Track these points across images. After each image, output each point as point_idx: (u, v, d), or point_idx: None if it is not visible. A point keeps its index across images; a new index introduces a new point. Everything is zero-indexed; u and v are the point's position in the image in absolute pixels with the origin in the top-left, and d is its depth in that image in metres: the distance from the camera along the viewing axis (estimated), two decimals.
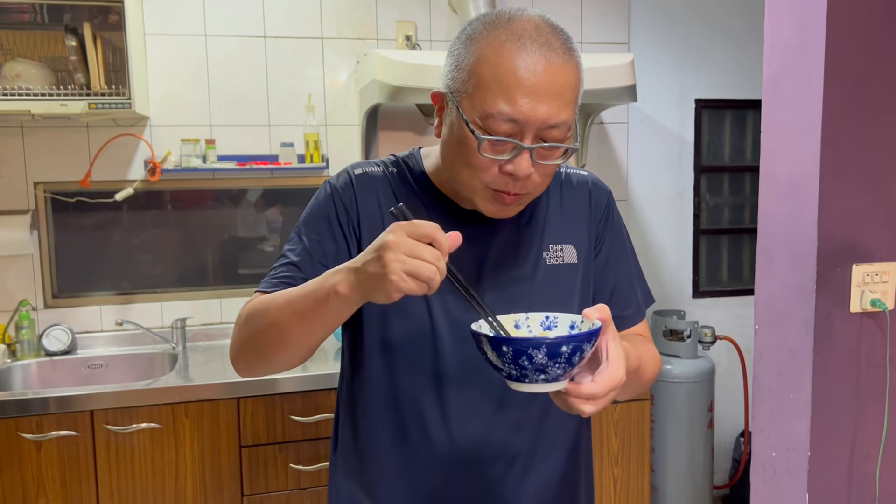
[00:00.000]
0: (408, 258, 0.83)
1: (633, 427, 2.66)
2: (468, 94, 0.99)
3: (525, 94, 0.96)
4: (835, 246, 1.52)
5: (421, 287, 0.84)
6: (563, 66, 0.99)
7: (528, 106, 0.96)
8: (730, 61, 3.27)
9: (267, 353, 1.03)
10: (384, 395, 1.13)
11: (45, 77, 2.44)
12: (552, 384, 0.85)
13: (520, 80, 0.96)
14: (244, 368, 1.10)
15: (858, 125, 1.51)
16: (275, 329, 1.00)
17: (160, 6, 2.68)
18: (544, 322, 0.94)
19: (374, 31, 2.88)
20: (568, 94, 1.00)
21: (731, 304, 3.41)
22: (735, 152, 3.39)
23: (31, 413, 2.14)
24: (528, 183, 1.01)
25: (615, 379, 0.86)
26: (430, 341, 1.10)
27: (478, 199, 1.04)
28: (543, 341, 0.81)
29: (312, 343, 1.01)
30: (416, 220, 0.86)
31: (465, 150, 1.01)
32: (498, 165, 1.00)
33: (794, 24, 1.55)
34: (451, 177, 1.08)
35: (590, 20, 3.09)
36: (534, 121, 0.96)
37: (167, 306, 2.79)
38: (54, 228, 2.67)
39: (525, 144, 0.97)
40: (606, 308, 0.87)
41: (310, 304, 0.94)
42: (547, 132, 0.98)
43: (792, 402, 1.58)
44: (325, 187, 1.15)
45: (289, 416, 2.29)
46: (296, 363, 1.06)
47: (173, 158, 2.70)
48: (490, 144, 0.98)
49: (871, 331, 1.55)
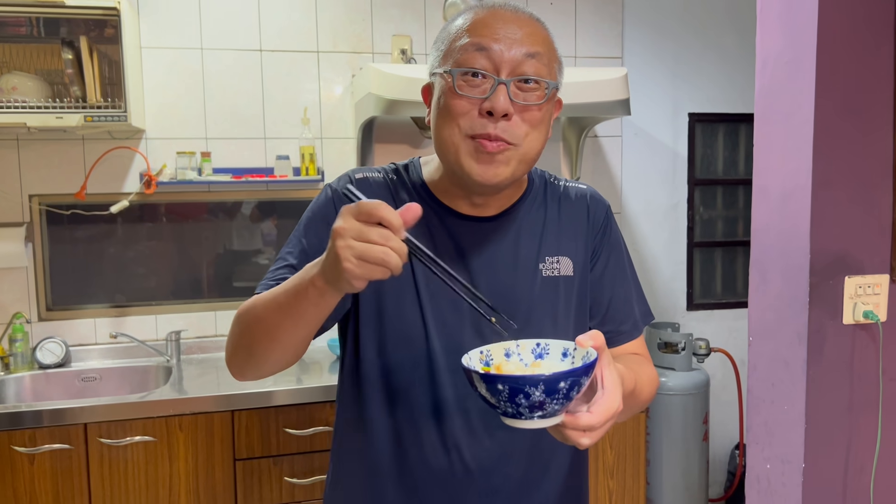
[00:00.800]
0: (356, 242, 0.81)
1: (628, 440, 2.66)
2: (444, 56, 1.05)
3: (495, 27, 1.01)
4: (827, 258, 1.53)
5: (377, 270, 0.81)
6: (528, 17, 1.06)
7: (497, 34, 1.01)
8: (722, 76, 3.30)
9: (256, 351, 1.02)
10: (379, 402, 1.13)
11: (41, 90, 2.44)
12: (549, 420, 0.81)
13: (487, 20, 1.02)
14: (237, 370, 1.09)
15: (849, 139, 1.53)
16: (262, 325, 0.99)
17: (157, 20, 2.70)
18: (535, 349, 0.90)
19: (369, 45, 2.90)
20: (539, 36, 1.04)
21: (726, 317, 3.42)
22: (728, 165, 3.41)
23: (23, 426, 2.13)
24: (510, 128, 1.01)
25: (612, 408, 0.83)
26: (426, 368, 1.09)
27: (463, 158, 1.02)
28: (540, 378, 0.77)
29: (298, 339, 1.00)
30: (361, 201, 0.83)
31: (445, 102, 1.03)
32: (477, 108, 1.01)
33: (786, 39, 1.57)
34: (439, 150, 1.07)
35: (583, 35, 3.12)
36: (506, 50, 1.00)
37: (162, 319, 2.78)
38: (49, 241, 2.66)
39: (499, 77, 1.00)
40: (600, 335, 0.84)
41: (292, 298, 0.93)
42: (522, 67, 1.01)
43: (786, 414, 1.58)
44: (326, 191, 1.15)
45: (283, 428, 2.29)
46: (285, 363, 1.05)
47: (169, 171, 2.70)
48: (465, 80, 1.01)
49: (864, 342, 1.56)
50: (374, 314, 1.11)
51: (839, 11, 1.49)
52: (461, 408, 1.10)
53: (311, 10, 2.83)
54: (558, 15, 3.08)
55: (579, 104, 2.53)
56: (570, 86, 2.63)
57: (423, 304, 1.10)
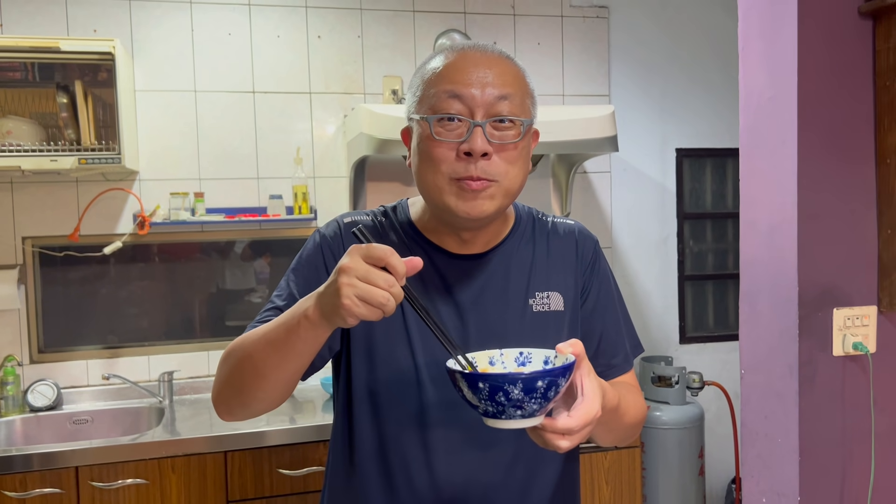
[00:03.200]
0: (360, 283, 0.84)
1: (623, 475, 2.64)
2: (419, 101, 1.07)
3: (466, 71, 1.04)
4: (815, 290, 1.55)
5: (374, 312, 0.84)
6: (502, 57, 1.08)
7: (469, 79, 1.03)
8: (708, 111, 3.36)
9: (244, 389, 1.02)
10: (370, 442, 1.13)
11: (35, 133, 2.46)
12: (528, 420, 0.85)
13: (458, 64, 1.05)
14: (225, 409, 1.09)
15: (833, 172, 1.56)
16: (250, 362, 1.00)
17: (151, 63, 2.74)
18: (518, 358, 0.95)
19: (361, 86, 2.94)
20: (510, 75, 1.06)
21: (718, 350, 3.43)
22: (716, 199, 3.45)
23: (13, 471, 2.10)
24: (490, 167, 1.03)
25: (590, 413, 0.86)
26: (414, 387, 1.10)
27: (447, 199, 1.05)
28: (519, 376, 0.81)
29: (286, 376, 1.00)
30: (372, 244, 0.87)
31: (424, 148, 1.05)
32: (455, 151, 1.03)
33: (767, 76, 1.61)
34: (423, 192, 1.09)
35: (571, 73, 3.18)
36: (479, 94, 1.02)
37: (154, 360, 2.77)
38: (42, 283, 2.66)
39: (474, 120, 1.02)
40: (579, 343, 0.88)
41: (282, 332, 0.94)
42: (495, 108, 1.03)
43: (780, 447, 1.59)
44: (315, 236, 1.17)
45: (276, 469, 2.27)
46: (271, 402, 1.05)
47: (162, 212, 2.72)
48: (441, 125, 1.03)
49: (854, 374, 1.57)
50: (365, 355, 1.12)
51: (818, 48, 1.54)
52: (452, 449, 1.10)
53: (304, 53, 2.88)
54: (546, 54, 3.14)
55: (568, 141, 2.57)
56: (559, 123, 2.68)
57: (413, 344, 1.11)
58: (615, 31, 3.23)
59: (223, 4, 2.80)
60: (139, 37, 2.72)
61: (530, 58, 3.11)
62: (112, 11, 2.69)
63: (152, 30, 2.73)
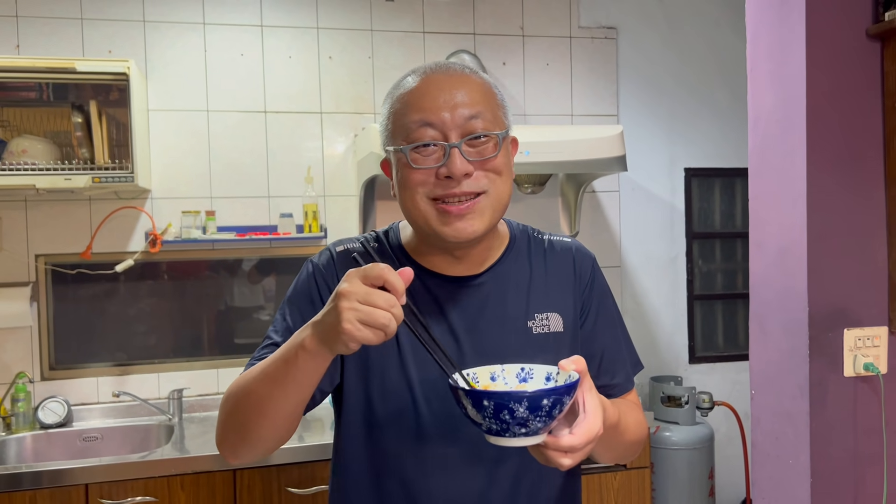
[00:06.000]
0: (361, 306, 0.83)
1: (633, 495, 2.62)
2: (392, 134, 1.06)
3: (433, 96, 1.03)
4: (825, 310, 1.54)
5: (377, 335, 0.84)
6: (465, 74, 1.07)
7: (437, 103, 1.02)
8: (716, 131, 3.37)
9: (247, 428, 1.01)
10: (367, 462, 1.12)
11: (49, 152, 2.49)
12: (532, 437, 0.84)
13: (424, 90, 1.04)
14: (230, 451, 1.07)
15: (843, 192, 1.56)
16: (251, 399, 0.99)
17: (164, 83, 2.77)
18: (520, 374, 0.94)
19: (371, 106, 2.97)
20: (477, 92, 1.05)
21: (728, 370, 3.41)
22: (725, 219, 3.45)
23: (23, 488, 2.11)
24: (473, 182, 1.03)
25: (592, 431, 0.86)
26: (409, 406, 1.09)
27: (433, 225, 1.04)
28: (524, 395, 0.81)
29: (288, 411, 0.99)
30: (368, 265, 0.86)
31: (403, 176, 1.05)
32: (434, 174, 1.03)
33: (776, 97, 1.62)
34: (409, 218, 1.09)
35: (579, 93, 3.20)
36: (449, 118, 1.01)
37: (164, 377, 2.78)
38: (53, 300, 2.68)
39: (449, 143, 1.02)
40: (582, 359, 0.88)
41: (281, 365, 0.94)
42: (468, 126, 1.02)
43: (791, 468, 1.58)
44: (308, 266, 1.16)
45: (285, 487, 2.27)
46: (275, 440, 1.04)
47: (174, 230, 2.74)
48: (418, 152, 1.03)
49: (866, 395, 1.57)
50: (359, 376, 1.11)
51: (826, 69, 1.55)
52: (450, 467, 1.09)
53: (315, 73, 2.91)
54: (555, 75, 3.16)
55: (577, 161, 2.58)
56: (568, 143, 2.70)
57: (405, 362, 1.10)
58: (623, 52, 3.25)
59: (236, 26, 2.84)
60: (153, 57, 2.76)
61: (539, 78, 3.13)
62: (127, 32, 2.73)
63: (166, 50, 2.77)
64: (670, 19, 3.30)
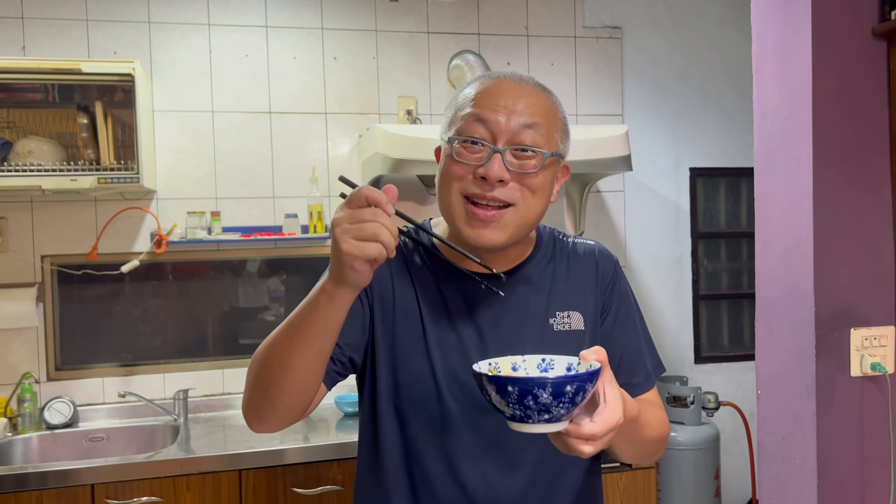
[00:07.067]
0: (350, 225, 0.88)
1: (639, 496, 2.62)
2: (450, 123, 1.10)
3: (496, 97, 1.06)
4: (832, 310, 1.54)
5: (373, 247, 0.87)
6: (532, 87, 1.10)
7: (498, 105, 1.06)
8: (721, 131, 3.36)
9: (270, 383, 1.02)
10: (395, 453, 1.15)
11: (55, 153, 2.50)
12: (555, 424, 0.85)
13: (490, 90, 1.08)
14: (254, 415, 1.08)
15: (849, 191, 1.55)
16: (275, 352, 1.01)
17: (169, 84, 2.78)
18: (541, 364, 0.95)
19: (376, 106, 2.97)
20: (540, 107, 1.08)
21: (734, 370, 3.41)
22: (730, 219, 3.44)
23: (29, 488, 2.11)
24: (505, 191, 1.05)
25: (613, 419, 0.87)
26: (434, 398, 1.12)
27: (458, 223, 1.08)
28: (548, 381, 0.82)
29: (310, 360, 1.00)
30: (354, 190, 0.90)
31: (444, 166, 1.09)
32: (472, 172, 1.05)
33: (782, 96, 1.61)
34: (441, 208, 1.12)
35: (584, 93, 3.19)
36: (504, 121, 1.05)
37: (170, 377, 2.78)
38: (59, 301, 2.69)
39: (495, 147, 1.04)
40: (603, 350, 0.89)
41: (305, 314, 0.97)
42: (519, 137, 1.05)
43: (798, 469, 1.57)
44: None
45: (291, 488, 2.27)
46: (298, 395, 1.03)
47: (179, 230, 2.74)
48: (463, 147, 1.06)
49: (873, 395, 1.56)
50: (389, 368, 1.14)
51: (832, 68, 1.54)
52: (474, 458, 1.12)
53: (320, 74, 2.92)
54: (559, 75, 3.16)
55: (582, 161, 2.58)
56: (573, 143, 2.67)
57: (431, 356, 1.12)
58: (628, 52, 3.25)
59: (241, 27, 2.84)
60: (158, 58, 2.77)
61: (544, 78, 3.09)
62: (132, 34, 2.74)
63: (171, 51, 2.78)
64: (675, 19, 3.30)
